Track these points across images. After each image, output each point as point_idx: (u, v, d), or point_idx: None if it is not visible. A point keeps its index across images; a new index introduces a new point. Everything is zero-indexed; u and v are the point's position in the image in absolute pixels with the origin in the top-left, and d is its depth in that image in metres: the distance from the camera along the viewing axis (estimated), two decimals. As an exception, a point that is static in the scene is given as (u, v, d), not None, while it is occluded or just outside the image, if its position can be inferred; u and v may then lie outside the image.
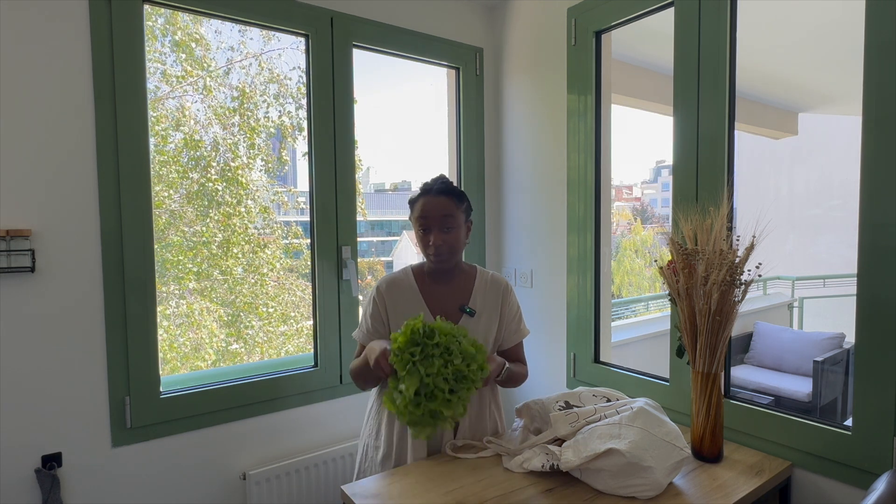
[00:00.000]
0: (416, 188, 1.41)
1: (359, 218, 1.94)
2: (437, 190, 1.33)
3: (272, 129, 3.67)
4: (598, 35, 1.81)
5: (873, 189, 1.17)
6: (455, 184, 2.27)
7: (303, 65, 1.86)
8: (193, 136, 3.37)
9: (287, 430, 1.80)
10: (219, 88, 3.50)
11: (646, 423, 1.15)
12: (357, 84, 1.91)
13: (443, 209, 1.31)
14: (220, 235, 3.47)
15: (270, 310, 3.79)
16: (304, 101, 1.90)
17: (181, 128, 3.33)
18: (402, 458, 1.34)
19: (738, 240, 1.25)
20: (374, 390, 1.44)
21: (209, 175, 3.36)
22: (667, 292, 1.38)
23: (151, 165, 1.54)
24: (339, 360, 1.89)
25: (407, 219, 1.40)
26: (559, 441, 1.27)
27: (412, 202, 1.36)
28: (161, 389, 1.58)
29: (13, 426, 1.37)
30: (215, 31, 3.44)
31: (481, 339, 1.38)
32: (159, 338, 1.59)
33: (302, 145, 3.72)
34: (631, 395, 1.36)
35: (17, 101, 1.34)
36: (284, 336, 3.87)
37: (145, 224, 1.52)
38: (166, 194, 3.22)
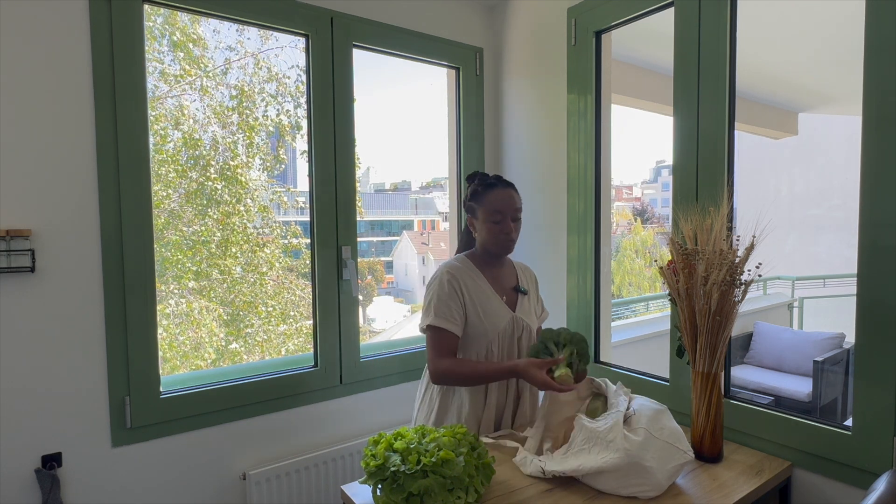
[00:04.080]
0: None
1: (357, 217, 1.94)
2: (504, 183, 1.44)
3: (271, 128, 3.67)
4: (598, 35, 1.81)
5: (873, 189, 1.17)
6: (455, 184, 2.28)
7: (301, 63, 1.86)
8: (192, 134, 3.36)
9: (287, 430, 1.80)
10: (217, 87, 3.49)
11: (649, 424, 1.15)
12: (357, 84, 1.91)
13: (516, 202, 1.43)
14: (218, 235, 3.47)
15: (270, 309, 3.79)
16: (302, 100, 1.90)
17: (180, 127, 3.33)
18: None
19: (738, 240, 1.25)
20: (434, 389, 1.47)
21: (208, 174, 3.36)
22: (667, 292, 1.38)
23: (151, 165, 1.53)
24: (339, 360, 1.88)
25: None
26: (563, 439, 1.27)
27: (477, 195, 1.43)
28: (161, 389, 1.58)
29: (13, 426, 1.36)
30: (213, 31, 3.43)
31: (533, 313, 1.52)
32: (159, 337, 1.58)
33: (301, 144, 3.72)
34: (631, 395, 1.35)
35: (18, 100, 1.34)
36: (284, 335, 3.88)
37: (145, 223, 1.52)
38: (165, 194, 3.22)
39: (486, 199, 1.42)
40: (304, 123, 1.88)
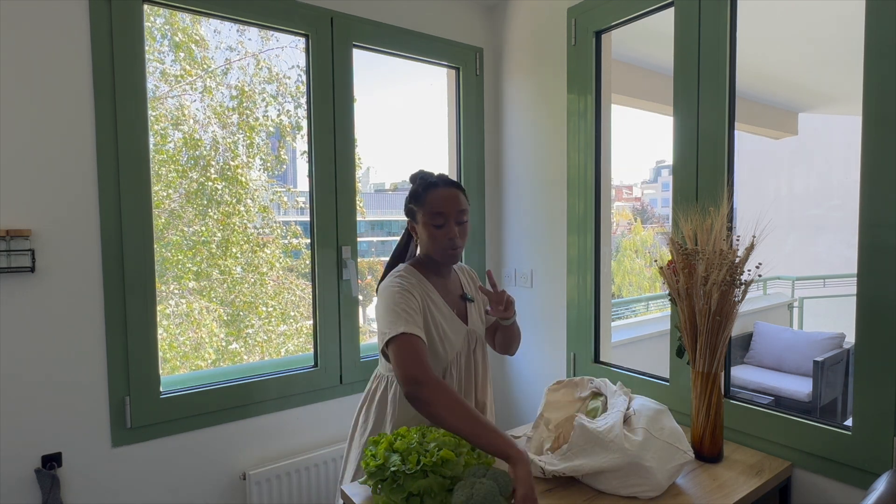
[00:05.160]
0: (407, 180, 1.37)
1: (358, 218, 1.94)
2: (447, 182, 1.27)
3: (271, 128, 3.67)
4: (598, 35, 1.81)
5: (873, 189, 1.17)
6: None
7: (302, 63, 1.86)
8: (193, 135, 3.36)
9: (287, 430, 1.80)
10: (217, 88, 3.49)
11: (649, 424, 1.15)
12: (357, 84, 1.91)
13: (459, 203, 1.25)
14: (219, 235, 3.47)
15: (270, 309, 3.79)
16: (302, 100, 1.90)
17: (180, 127, 3.33)
18: None
19: (738, 240, 1.25)
20: (380, 395, 1.32)
21: (209, 174, 3.36)
22: (667, 292, 1.38)
23: (151, 165, 1.54)
24: (339, 360, 1.88)
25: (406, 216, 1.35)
26: (559, 441, 1.27)
27: (417, 196, 1.27)
28: (161, 389, 1.58)
29: (13, 426, 1.37)
30: (214, 31, 3.43)
31: (480, 320, 1.40)
32: (159, 337, 1.58)
33: (301, 144, 3.72)
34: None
35: (18, 100, 1.34)
36: (284, 336, 3.88)
37: (145, 224, 1.52)
38: (165, 194, 3.22)
39: (426, 199, 1.24)
40: (305, 123, 1.87)
